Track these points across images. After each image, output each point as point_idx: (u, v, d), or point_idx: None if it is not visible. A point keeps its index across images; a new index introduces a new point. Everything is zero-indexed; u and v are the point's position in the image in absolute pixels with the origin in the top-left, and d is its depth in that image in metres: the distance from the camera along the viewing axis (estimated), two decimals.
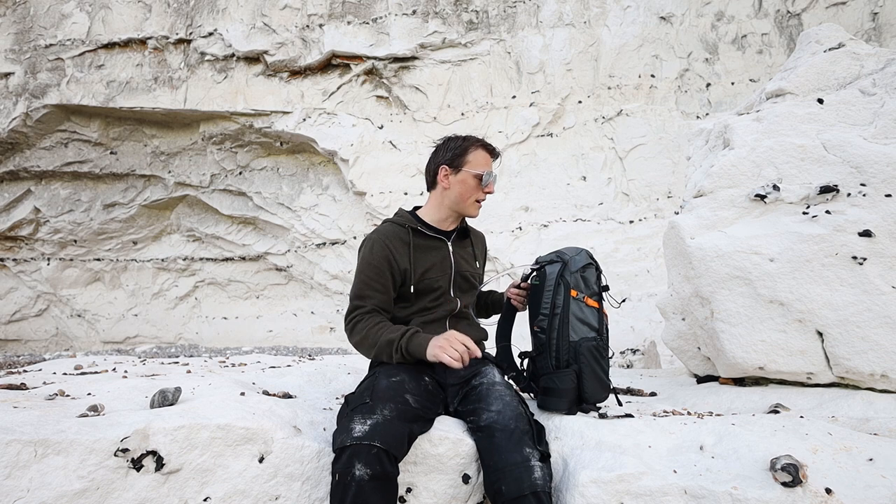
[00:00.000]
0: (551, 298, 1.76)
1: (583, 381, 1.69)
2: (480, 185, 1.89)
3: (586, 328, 1.72)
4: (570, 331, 1.71)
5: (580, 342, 1.70)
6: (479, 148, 1.91)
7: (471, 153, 1.89)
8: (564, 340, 1.71)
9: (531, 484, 1.38)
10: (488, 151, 1.93)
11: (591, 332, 1.72)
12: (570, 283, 1.74)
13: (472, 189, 1.89)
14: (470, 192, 1.89)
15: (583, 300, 1.74)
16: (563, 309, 1.73)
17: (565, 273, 1.76)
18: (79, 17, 10.86)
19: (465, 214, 1.95)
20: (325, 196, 11.12)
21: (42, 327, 12.44)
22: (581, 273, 1.77)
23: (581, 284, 1.76)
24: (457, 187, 1.89)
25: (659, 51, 9.67)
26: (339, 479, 1.34)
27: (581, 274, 1.77)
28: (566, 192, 9.49)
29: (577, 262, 1.78)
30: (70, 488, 1.30)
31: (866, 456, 1.40)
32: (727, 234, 2.05)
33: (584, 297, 1.74)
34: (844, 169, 2.00)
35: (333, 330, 11.50)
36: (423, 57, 10.23)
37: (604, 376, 1.73)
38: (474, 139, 1.93)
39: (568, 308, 1.72)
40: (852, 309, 1.85)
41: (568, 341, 1.71)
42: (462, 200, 1.90)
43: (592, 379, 1.70)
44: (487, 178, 1.88)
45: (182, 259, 12.27)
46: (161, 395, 1.60)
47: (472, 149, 1.90)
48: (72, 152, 11.33)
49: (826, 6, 9.25)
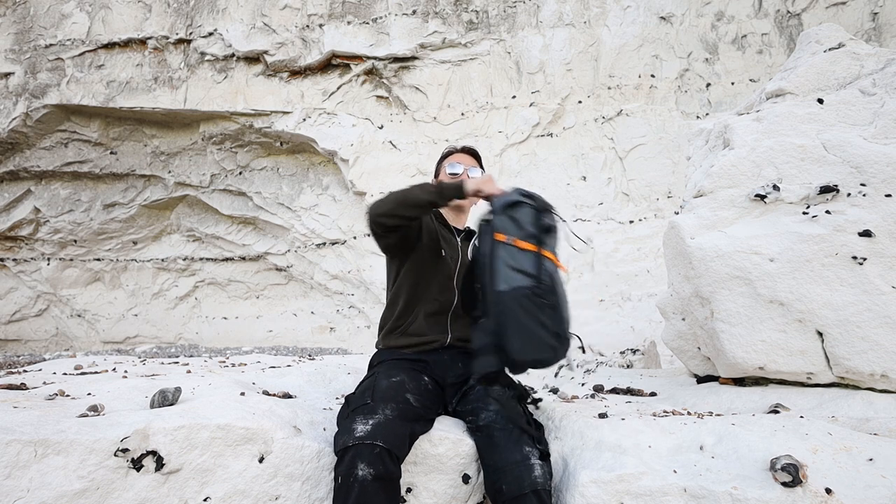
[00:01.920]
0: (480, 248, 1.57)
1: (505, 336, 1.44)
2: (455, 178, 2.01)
3: (519, 276, 1.47)
4: (499, 280, 1.47)
5: (509, 292, 1.45)
6: (453, 154, 2.12)
7: (447, 160, 2.11)
8: (492, 292, 1.48)
9: (532, 482, 1.38)
10: (462, 152, 2.12)
11: (525, 279, 1.47)
12: (495, 226, 1.54)
13: None
14: None
15: (512, 243, 1.50)
16: (489, 257, 1.52)
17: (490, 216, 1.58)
18: (79, 17, 10.85)
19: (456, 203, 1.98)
20: (325, 196, 11.12)
21: (42, 327, 12.44)
22: (508, 213, 1.55)
23: (509, 226, 1.53)
24: None
25: (659, 51, 9.66)
26: (342, 481, 1.34)
27: (508, 214, 1.55)
28: (566, 192, 9.49)
29: (501, 201, 1.58)
30: (70, 488, 1.30)
31: (866, 456, 1.40)
32: (727, 234, 2.05)
33: (513, 241, 1.51)
34: (844, 169, 2.00)
35: (333, 330, 11.50)
36: (423, 57, 10.23)
37: (539, 329, 1.44)
38: (452, 148, 2.15)
39: (494, 255, 1.50)
40: (852, 309, 1.85)
41: (495, 291, 1.47)
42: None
43: (518, 333, 1.43)
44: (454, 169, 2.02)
45: (182, 259, 12.27)
46: (161, 395, 1.60)
47: (448, 157, 2.12)
48: (72, 152, 11.33)
49: (826, 6, 9.25)
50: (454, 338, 1.86)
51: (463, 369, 1.80)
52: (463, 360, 1.83)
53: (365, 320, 11.03)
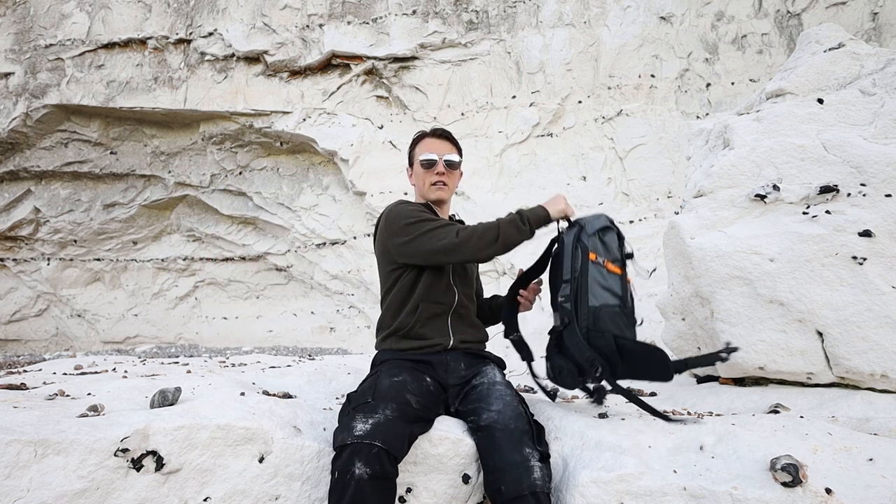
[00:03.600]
0: (570, 264, 1.65)
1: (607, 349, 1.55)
2: (431, 169, 1.93)
3: (608, 294, 1.60)
4: (590, 296, 1.58)
5: (600, 308, 1.57)
6: (424, 138, 1.99)
7: (418, 146, 1.99)
8: (584, 307, 1.59)
9: (530, 484, 1.38)
10: (435, 136, 1.98)
11: (613, 298, 1.60)
12: (587, 247, 1.63)
13: (423, 175, 1.95)
14: (423, 178, 1.96)
15: (603, 265, 1.62)
16: (581, 273, 1.61)
17: (582, 236, 1.67)
18: (79, 17, 10.86)
19: (430, 199, 1.96)
20: (325, 196, 11.13)
21: (42, 327, 12.44)
22: (599, 236, 1.66)
23: (600, 247, 1.65)
24: (416, 179, 1.99)
25: (659, 51, 9.66)
26: (338, 477, 1.34)
27: (600, 237, 1.66)
28: (566, 192, 9.48)
29: (594, 224, 1.68)
30: (70, 488, 1.30)
31: (866, 456, 1.40)
32: (727, 234, 2.05)
33: (604, 262, 1.62)
34: (844, 169, 2.00)
35: (333, 330, 11.50)
36: (423, 57, 10.23)
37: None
38: (423, 132, 2.02)
39: (587, 272, 1.61)
40: (852, 309, 1.85)
41: (587, 307, 1.58)
42: (421, 188, 1.98)
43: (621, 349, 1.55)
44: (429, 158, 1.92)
45: (182, 259, 12.27)
46: (161, 395, 1.60)
47: (419, 141, 2.00)
48: (72, 152, 11.33)
49: (826, 6, 9.25)
50: (458, 340, 1.84)
51: (465, 371, 1.80)
52: (466, 362, 1.82)
53: (365, 320, 11.03)
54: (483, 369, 1.80)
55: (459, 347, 1.84)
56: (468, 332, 1.89)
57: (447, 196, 1.97)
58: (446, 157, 1.94)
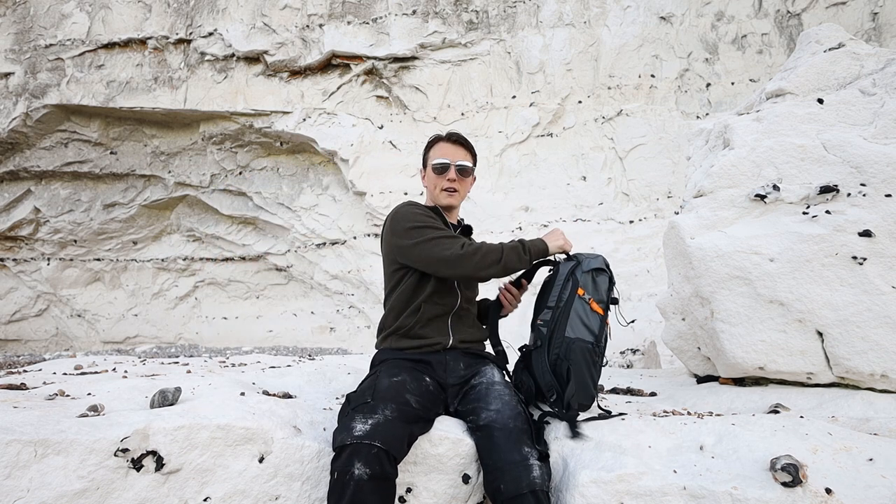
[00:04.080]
0: (558, 293, 1.75)
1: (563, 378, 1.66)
2: (443, 175, 1.95)
3: (585, 331, 1.68)
4: (568, 326, 1.68)
5: (574, 341, 1.66)
6: (439, 142, 2.01)
7: (433, 149, 2.00)
8: (559, 334, 1.69)
9: (530, 482, 1.38)
10: (449, 141, 1.99)
11: (589, 335, 1.68)
12: (579, 282, 1.73)
13: (434, 180, 1.97)
14: (434, 182, 1.98)
15: (588, 302, 1.71)
16: (565, 303, 1.71)
17: (577, 271, 1.76)
18: (79, 17, 10.86)
19: (440, 204, 1.98)
20: (325, 196, 11.13)
21: (42, 327, 12.44)
22: (592, 275, 1.76)
23: (590, 286, 1.74)
24: (428, 182, 2.02)
25: (659, 51, 9.67)
26: (337, 477, 1.34)
27: (592, 276, 1.76)
28: (566, 192, 9.49)
29: (590, 263, 1.78)
30: (70, 488, 1.30)
31: (866, 456, 1.40)
32: (727, 234, 2.05)
33: (589, 300, 1.72)
34: (844, 169, 2.00)
35: (333, 330, 11.50)
36: (423, 57, 10.23)
37: (591, 384, 1.66)
38: (438, 136, 2.03)
39: (571, 304, 1.70)
40: (852, 309, 1.85)
41: (563, 336, 1.68)
42: (432, 192, 2.00)
43: (578, 381, 1.64)
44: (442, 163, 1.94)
45: (182, 259, 12.27)
46: (161, 395, 1.60)
47: (434, 145, 2.01)
48: (72, 152, 11.33)
49: (826, 6, 9.25)
50: (457, 340, 1.85)
51: (465, 370, 1.80)
52: (465, 362, 1.82)
53: (365, 320, 11.03)
54: (482, 369, 1.80)
55: (459, 347, 1.85)
56: (468, 333, 1.89)
57: (457, 202, 2.00)
58: (459, 163, 1.95)
